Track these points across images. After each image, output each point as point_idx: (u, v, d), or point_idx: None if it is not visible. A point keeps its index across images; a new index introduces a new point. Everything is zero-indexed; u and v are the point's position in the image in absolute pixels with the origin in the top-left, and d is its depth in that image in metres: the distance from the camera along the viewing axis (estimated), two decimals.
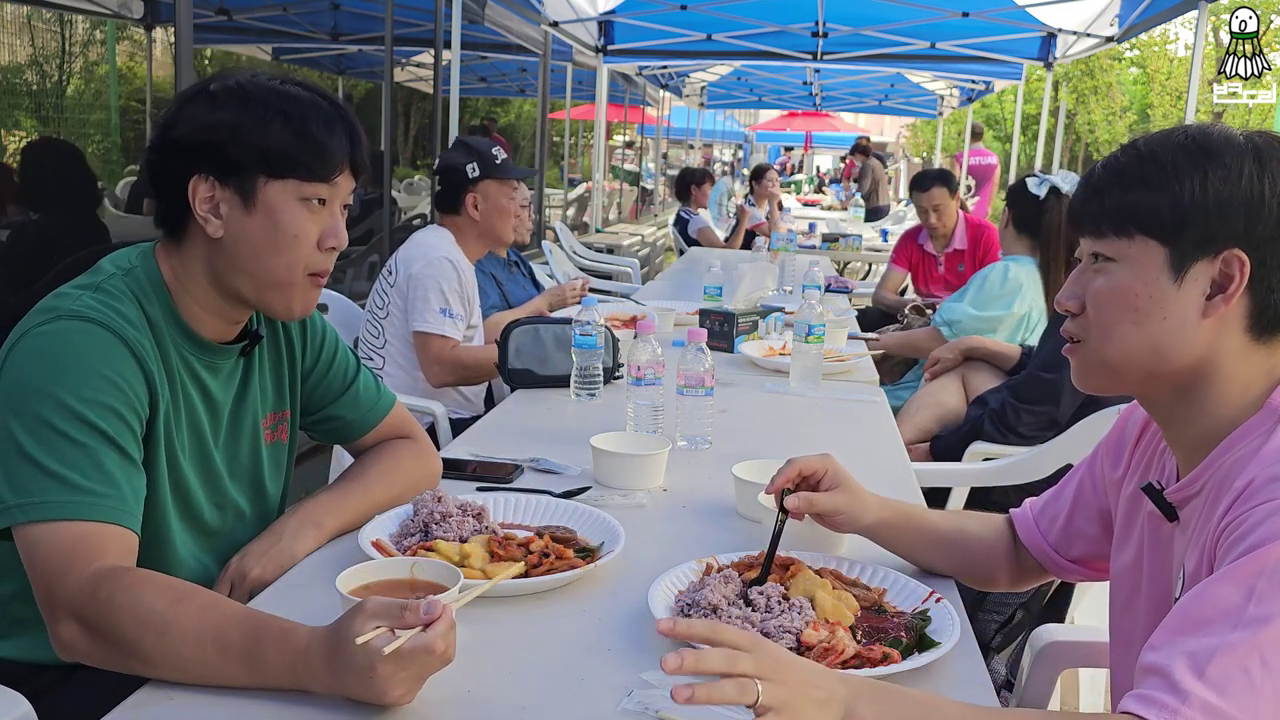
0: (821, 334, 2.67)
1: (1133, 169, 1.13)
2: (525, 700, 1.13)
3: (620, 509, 1.70)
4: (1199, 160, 1.09)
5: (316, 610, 1.28)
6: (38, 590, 1.22)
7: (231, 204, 1.36)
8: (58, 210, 3.94)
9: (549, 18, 7.85)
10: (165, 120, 1.39)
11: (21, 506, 1.22)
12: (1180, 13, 6.40)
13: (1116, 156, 1.17)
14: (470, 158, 3.08)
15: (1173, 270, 1.10)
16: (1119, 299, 1.14)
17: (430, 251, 2.97)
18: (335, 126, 1.38)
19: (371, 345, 3.03)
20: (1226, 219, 1.08)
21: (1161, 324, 1.11)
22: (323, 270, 1.42)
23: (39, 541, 1.21)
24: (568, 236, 7.99)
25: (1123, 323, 1.14)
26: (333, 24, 9.26)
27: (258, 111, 1.35)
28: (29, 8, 9.80)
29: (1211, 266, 1.09)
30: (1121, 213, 1.13)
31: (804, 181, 21.47)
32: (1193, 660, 0.92)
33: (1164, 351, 1.12)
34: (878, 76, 13.04)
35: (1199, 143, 1.11)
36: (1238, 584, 0.95)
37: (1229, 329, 1.10)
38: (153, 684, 1.12)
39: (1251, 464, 1.05)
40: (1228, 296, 1.09)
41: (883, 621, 1.31)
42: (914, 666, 1.19)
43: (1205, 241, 1.09)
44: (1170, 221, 1.10)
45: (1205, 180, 1.08)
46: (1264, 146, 1.10)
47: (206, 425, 1.45)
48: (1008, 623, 2.09)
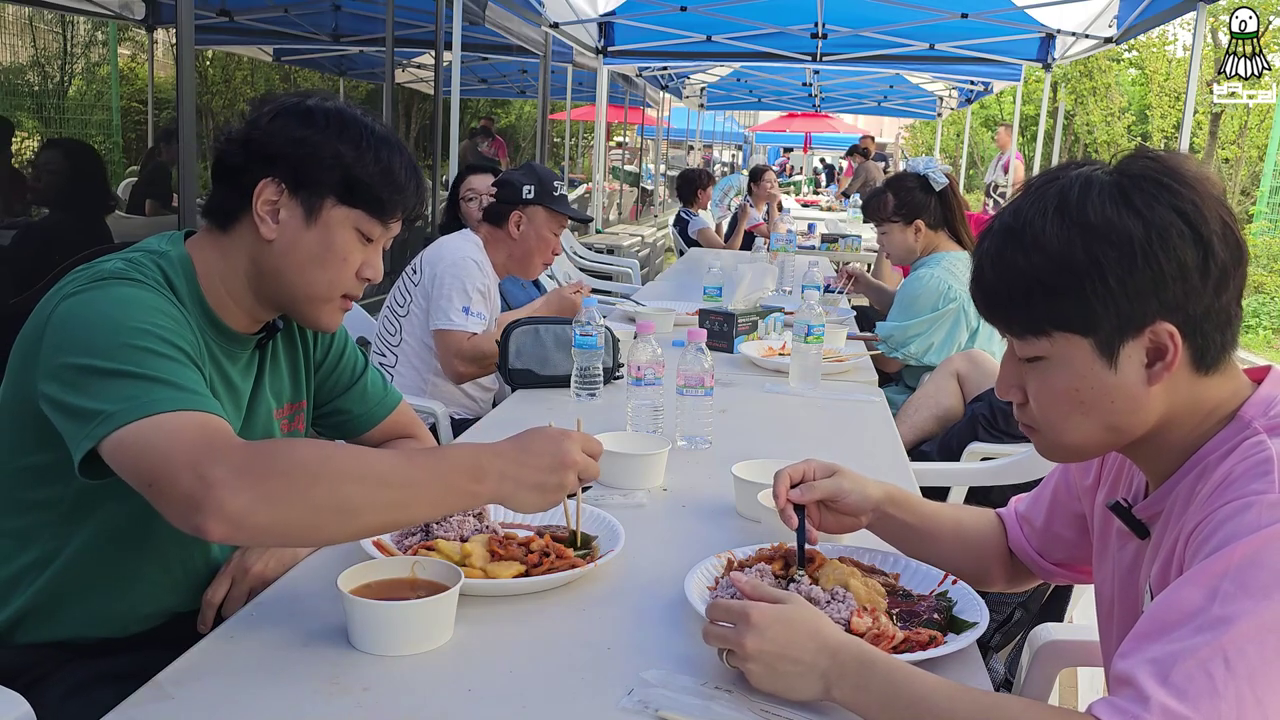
0: (821, 334, 2.67)
1: (1022, 268, 1.07)
2: (525, 700, 1.13)
3: (620, 509, 1.71)
4: (1086, 243, 1.03)
5: (317, 610, 1.29)
6: (174, 484, 1.09)
7: (293, 213, 1.39)
8: (63, 211, 3.95)
9: (549, 19, 7.86)
10: (254, 122, 1.41)
11: (127, 409, 1.14)
12: (1179, 14, 6.40)
13: (999, 247, 1.09)
14: (530, 179, 3.09)
15: (1104, 357, 1.07)
16: (1060, 398, 1.10)
17: (456, 252, 3.00)
18: (412, 177, 1.44)
19: (387, 342, 3.04)
20: (1137, 302, 1.04)
21: (1111, 407, 1.09)
22: (354, 295, 1.47)
23: (160, 433, 1.12)
24: (568, 237, 8.00)
25: (1071, 416, 1.11)
26: (334, 25, 9.26)
27: (353, 141, 1.39)
28: (30, 8, 9.81)
29: (1141, 341, 1.06)
30: (1030, 320, 1.09)
31: (803, 182, 21.46)
32: (1157, 666, 0.91)
33: (1121, 428, 1.10)
34: (877, 78, 13.05)
35: (1074, 218, 1.04)
36: (1202, 586, 0.94)
37: (1178, 381, 1.08)
38: (153, 684, 1.12)
39: (1218, 470, 1.04)
40: (1168, 364, 1.06)
41: (912, 605, 1.33)
42: (959, 648, 1.21)
43: (1124, 327, 1.05)
44: (1081, 319, 1.06)
45: (1102, 271, 1.03)
46: (1129, 188, 1.04)
47: (227, 410, 1.46)
48: (1006, 622, 2.09)
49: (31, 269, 3.70)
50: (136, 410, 1.14)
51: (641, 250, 9.26)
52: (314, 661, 1.18)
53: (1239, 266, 1.06)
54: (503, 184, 3.14)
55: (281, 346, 1.58)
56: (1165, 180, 1.05)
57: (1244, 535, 0.94)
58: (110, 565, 1.40)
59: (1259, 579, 0.91)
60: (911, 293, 3.57)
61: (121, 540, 1.39)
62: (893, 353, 3.52)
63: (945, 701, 1.00)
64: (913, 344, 3.52)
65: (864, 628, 1.21)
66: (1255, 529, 0.94)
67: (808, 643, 1.08)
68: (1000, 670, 2.18)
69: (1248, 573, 0.92)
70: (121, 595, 1.43)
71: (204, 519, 1.07)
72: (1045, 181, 1.09)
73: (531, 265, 3.16)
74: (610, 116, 13.01)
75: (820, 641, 1.08)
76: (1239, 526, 0.95)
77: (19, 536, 1.38)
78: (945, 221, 3.60)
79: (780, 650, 1.08)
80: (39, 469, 1.33)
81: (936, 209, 3.60)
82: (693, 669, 1.19)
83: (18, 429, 1.33)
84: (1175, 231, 1.02)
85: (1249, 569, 0.92)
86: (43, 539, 1.38)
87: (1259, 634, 0.90)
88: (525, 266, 3.16)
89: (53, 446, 1.23)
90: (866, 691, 1.04)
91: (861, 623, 1.22)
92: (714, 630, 1.14)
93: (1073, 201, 1.05)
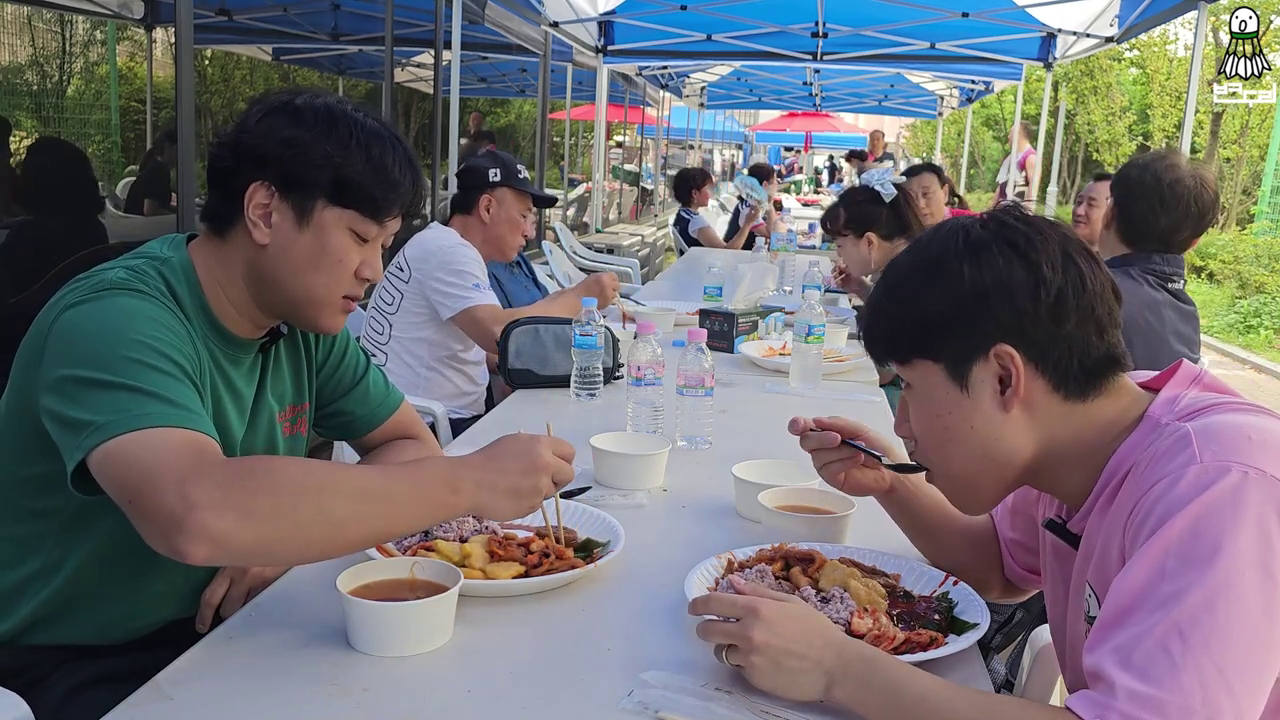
0: (821, 334, 2.67)
1: (884, 300, 1.19)
2: (525, 700, 1.13)
3: (620, 509, 1.70)
4: (925, 269, 1.13)
5: (317, 610, 1.29)
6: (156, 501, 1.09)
7: (284, 216, 1.37)
8: (57, 212, 3.94)
9: (549, 18, 7.85)
10: (244, 123, 1.39)
11: (117, 420, 1.13)
12: (1180, 13, 6.40)
13: (878, 289, 1.21)
14: (495, 164, 3.14)
15: (955, 381, 1.13)
16: (928, 425, 1.17)
17: (442, 242, 3.01)
18: (407, 172, 1.41)
19: (375, 341, 3.03)
20: (972, 321, 1.10)
21: (972, 433, 1.13)
22: (355, 296, 1.45)
23: (146, 448, 1.12)
24: (568, 237, 8.00)
25: (944, 445, 1.17)
26: (333, 24, 9.25)
27: (341, 139, 1.36)
28: (29, 8, 9.81)
29: (988, 365, 1.10)
30: (889, 347, 1.18)
31: (803, 181, 21.44)
32: (1119, 654, 0.93)
33: (994, 456, 1.14)
34: (877, 77, 13.04)
35: (920, 253, 1.15)
36: (1148, 566, 0.96)
37: (1043, 409, 1.11)
38: (151, 684, 1.12)
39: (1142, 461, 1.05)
40: (1015, 388, 1.10)
41: (912, 606, 1.33)
42: (960, 649, 1.21)
43: (966, 348, 1.11)
44: (923, 337, 1.13)
45: (936, 293, 1.11)
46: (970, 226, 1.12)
47: (231, 416, 1.45)
48: (1007, 623, 2.09)
49: (30, 269, 3.70)
50: (126, 423, 1.13)
51: (641, 250, 9.26)
52: (313, 662, 1.18)
53: (1081, 297, 1.09)
54: (467, 171, 3.18)
55: (284, 349, 1.57)
56: (1008, 220, 1.13)
57: (1178, 509, 0.96)
58: (115, 576, 1.39)
59: (1200, 548, 0.94)
60: None
61: (125, 551, 1.37)
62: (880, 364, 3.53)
63: (945, 701, 1.02)
64: None
65: (865, 629, 1.21)
66: (1188, 500, 0.96)
67: (815, 639, 1.09)
68: (1001, 671, 2.17)
69: (1189, 544, 0.95)
70: (126, 605, 1.42)
71: (185, 540, 1.07)
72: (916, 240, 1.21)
73: (506, 247, 3.18)
74: (610, 116, 13.01)
75: (826, 639, 1.09)
76: (1172, 502, 0.97)
77: (22, 544, 1.38)
78: (902, 230, 3.60)
79: (786, 645, 1.08)
80: (41, 479, 1.32)
81: (890, 220, 3.60)
82: (693, 669, 1.18)
83: (20, 437, 1.32)
84: (996, 250, 1.09)
85: (1190, 541, 0.95)
86: (45, 548, 1.37)
87: (1208, 601, 0.92)
88: (501, 248, 3.18)
89: (53, 457, 1.22)
90: (869, 689, 1.05)
91: (862, 624, 1.22)
92: (716, 625, 1.13)
93: (922, 242, 1.17)
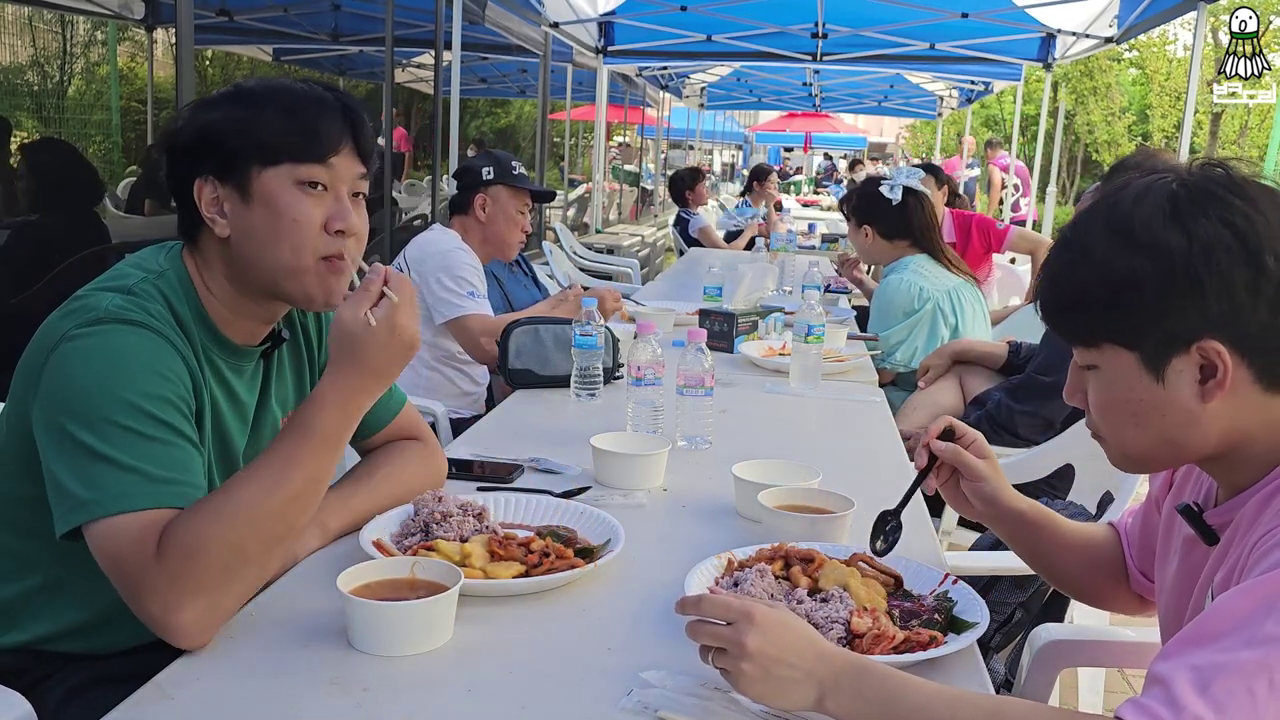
0: (821, 334, 2.67)
1: (1070, 278, 1.09)
2: (525, 700, 1.13)
3: (620, 509, 1.70)
4: (1126, 256, 1.02)
5: (317, 610, 1.29)
6: (130, 581, 1.18)
7: (232, 200, 1.36)
8: (58, 211, 3.94)
9: (549, 19, 7.85)
10: (168, 129, 1.41)
11: (99, 501, 1.19)
12: (1179, 13, 6.40)
13: (1055, 255, 1.12)
14: (488, 162, 3.16)
15: (1151, 373, 1.05)
16: (1112, 408, 1.11)
17: (442, 245, 3.03)
18: (327, 109, 1.38)
19: None
20: (1178, 318, 1.02)
21: (1164, 420, 1.07)
22: (335, 254, 1.39)
23: (112, 539, 1.18)
24: (568, 237, 8.00)
25: (1126, 427, 1.10)
26: (333, 25, 9.26)
27: (248, 103, 1.37)
28: (30, 8, 9.81)
29: (1190, 358, 1.03)
30: (1078, 330, 1.11)
31: (803, 182, 21.45)
32: (1198, 674, 0.88)
33: (1179, 442, 1.08)
34: (877, 77, 13.05)
35: (1119, 229, 1.04)
36: (1258, 599, 0.90)
37: (1241, 398, 1.04)
38: (152, 684, 1.12)
39: None
40: (1220, 381, 1.03)
41: (912, 605, 1.33)
42: (959, 648, 1.21)
43: (1170, 342, 1.03)
44: (1123, 332, 1.06)
45: (1139, 285, 1.02)
46: (1180, 199, 1.02)
47: (233, 426, 1.45)
48: (1007, 622, 2.09)
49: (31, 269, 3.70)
50: (104, 504, 1.18)
51: (641, 250, 9.26)
52: (314, 662, 1.18)
53: None
54: (462, 172, 3.20)
55: (286, 354, 1.56)
56: (1221, 192, 1.02)
57: None
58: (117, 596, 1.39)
59: None
60: (884, 300, 3.56)
61: None
62: (881, 363, 3.52)
63: (945, 709, 0.98)
64: (898, 352, 3.52)
65: (864, 627, 1.21)
66: None
67: (807, 649, 1.05)
68: (1001, 670, 2.17)
69: None
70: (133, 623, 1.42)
71: (182, 642, 1.18)
72: (1113, 190, 1.09)
73: (506, 245, 3.18)
74: (610, 116, 13.01)
75: (818, 649, 1.06)
76: None
77: (20, 559, 1.38)
78: (905, 232, 3.55)
79: (778, 653, 1.04)
80: (37, 501, 1.30)
81: (894, 219, 3.54)
82: (693, 669, 1.18)
83: (16, 458, 1.33)
84: (1221, 247, 0.99)
85: None
86: (44, 565, 1.37)
87: None
88: (501, 247, 3.19)
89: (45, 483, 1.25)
90: (863, 700, 1.01)
91: (862, 622, 1.21)
92: (707, 627, 1.09)
93: (1121, 213, 1.05)
